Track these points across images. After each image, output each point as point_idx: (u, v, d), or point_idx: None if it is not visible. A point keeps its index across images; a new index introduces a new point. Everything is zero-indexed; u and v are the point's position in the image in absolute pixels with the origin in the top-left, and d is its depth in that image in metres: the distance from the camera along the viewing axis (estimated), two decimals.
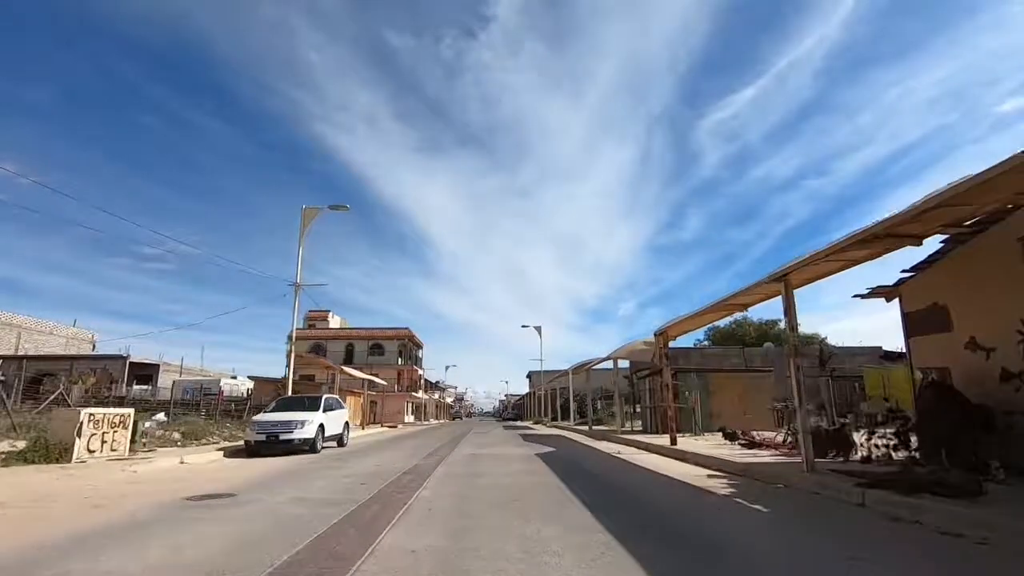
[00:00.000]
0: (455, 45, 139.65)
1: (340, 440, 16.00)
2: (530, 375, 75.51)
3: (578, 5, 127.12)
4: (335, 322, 64.81)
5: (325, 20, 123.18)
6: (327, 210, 19.18)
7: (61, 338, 35.54)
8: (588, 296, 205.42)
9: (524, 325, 48.24)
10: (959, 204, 5.77)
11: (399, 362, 59.20)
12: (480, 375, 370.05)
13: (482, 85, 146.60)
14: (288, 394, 18.33)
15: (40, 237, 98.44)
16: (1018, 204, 6.55)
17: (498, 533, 4.46)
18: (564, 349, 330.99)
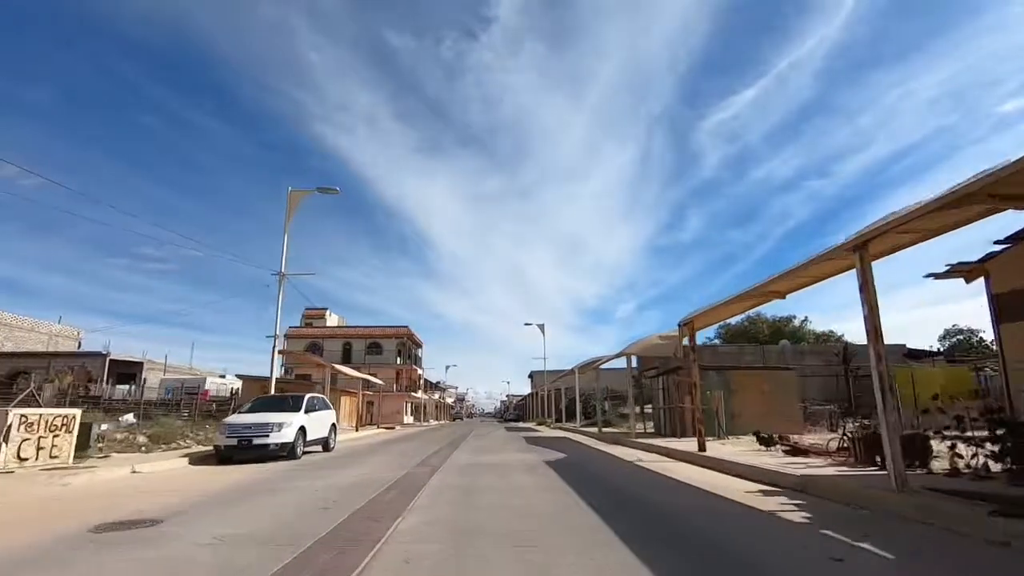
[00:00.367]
0: (456, 46, 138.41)
1: (326, 444, 14.44)
2: (532, 375, 73.99)
3: (579, 5, 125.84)
4: (332, 321, 63.31)
5: (325, 21, 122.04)
6: (315, 192, 17.71)
7: (44, 335, 33.99)
8: (588, 297, 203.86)
9: (527, 323, 47.68)
10: None
11: (398, 361, 57.68)
12: (481, 376, 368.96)
13: (483, 86, 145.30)
14: (271, 393, 16.80)
15: (40, 238, 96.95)
16: None
17: None
18: (564, 350, 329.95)
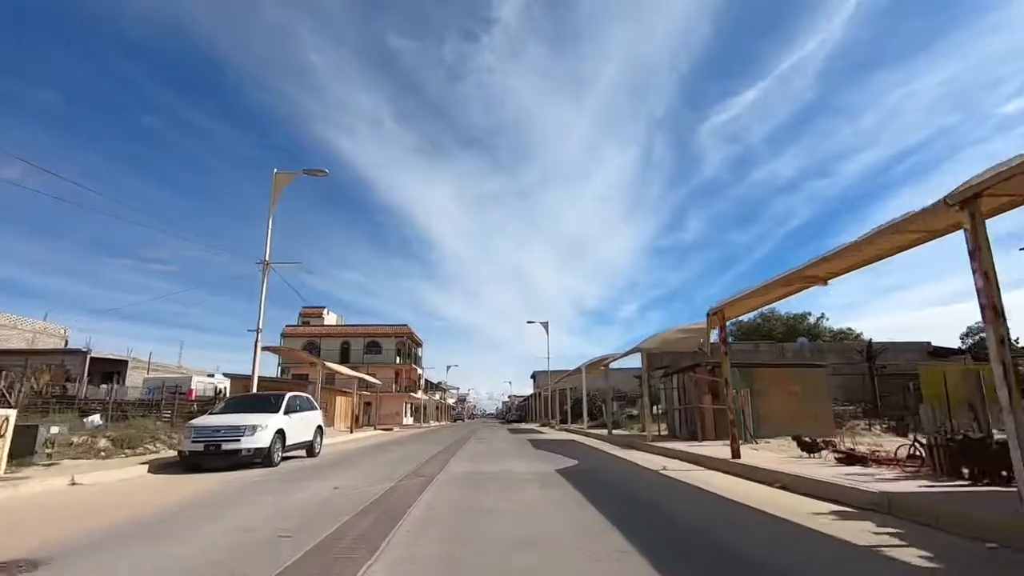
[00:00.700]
0: (457, 48, 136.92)
1: (310, 448, 13.02)
2: (535, 375, 72.63)
3: (580, 8, 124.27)
4: (331, 319, 61.98)
5: (327, 22, 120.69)
6: (301, 174, 16.33)
7: (27, 333, 32.64)
8: (589, 297, 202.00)
9: (530, 321, 46.95)
10: None
11: (397, 361, 56.32)
12: (482, 377, 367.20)
13: (484, 87, 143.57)
14: (253, 391, 15.39)
15: (42, 239, 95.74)
16: None
17: None
18: (565, 351, 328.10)
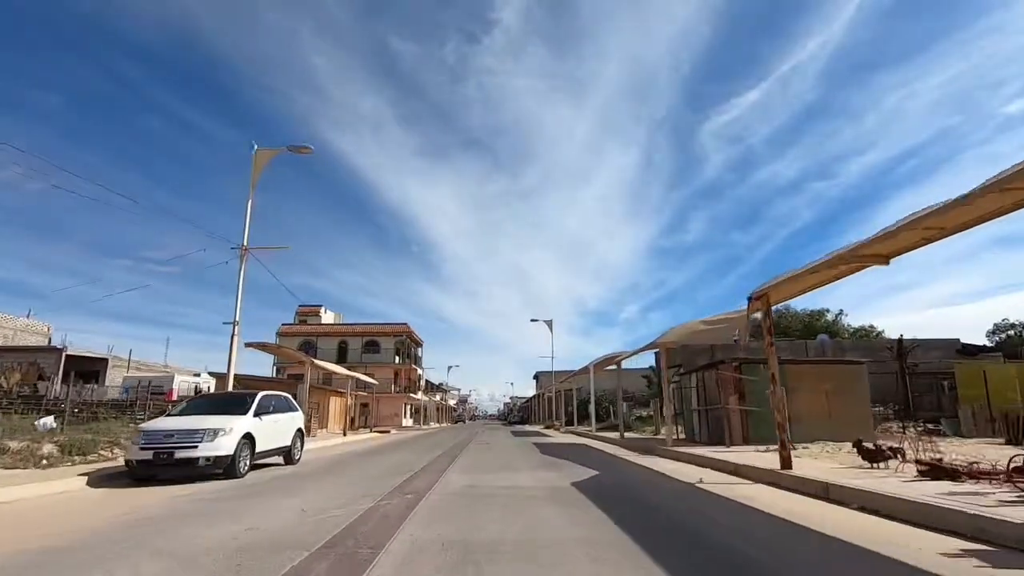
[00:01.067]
0: (458, 50, 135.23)
1: (288, 455, 11.46)
2: (537, 376, 71.17)
3: (580, 9, 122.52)
4: (328, 318, 60.48)
5: (329, 25, 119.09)
6: (285, 151, 14.80)
7: (7, 330, 31.16)
8: (590, 298, 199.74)
9: (533, 319, 45.88)
10: None
11: (396, 361, 54.79)
12: (484, 378, 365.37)
13: (485, 89, 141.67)
14: (228, 389, 13.87)
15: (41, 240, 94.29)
16: None
17: None
18: (567, 352, 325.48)
